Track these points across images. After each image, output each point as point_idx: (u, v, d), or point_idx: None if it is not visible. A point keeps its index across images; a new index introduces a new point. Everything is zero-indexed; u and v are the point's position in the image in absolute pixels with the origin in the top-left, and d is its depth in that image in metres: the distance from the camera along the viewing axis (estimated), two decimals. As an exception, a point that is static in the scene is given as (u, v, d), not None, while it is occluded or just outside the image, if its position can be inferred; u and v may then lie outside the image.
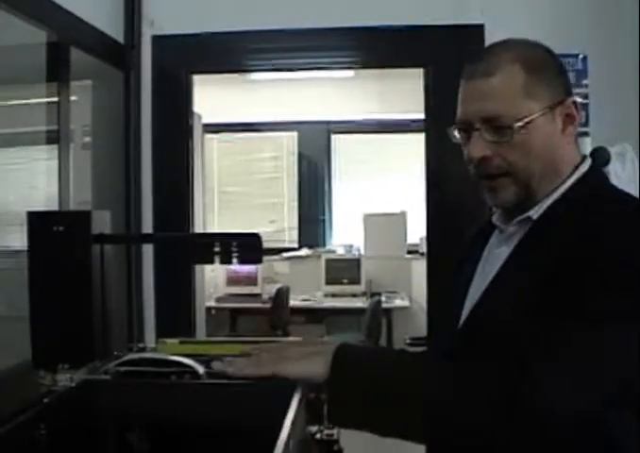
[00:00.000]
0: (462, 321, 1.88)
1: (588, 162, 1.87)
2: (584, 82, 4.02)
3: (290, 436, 1.28)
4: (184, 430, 1.63)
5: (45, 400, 1.55)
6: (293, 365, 1.64)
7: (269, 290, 9.07)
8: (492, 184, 1.83)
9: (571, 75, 4.01)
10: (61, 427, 1.53)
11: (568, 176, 1.83)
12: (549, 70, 1.83)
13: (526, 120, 1.75)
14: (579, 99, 1.91)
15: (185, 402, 1.64)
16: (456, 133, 1.87)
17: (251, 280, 9.27)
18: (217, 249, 1.72)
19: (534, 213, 1.82)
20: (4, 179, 4.39)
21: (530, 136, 1.76)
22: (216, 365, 1.70)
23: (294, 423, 1.35)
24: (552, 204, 1.81)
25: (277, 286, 8.96)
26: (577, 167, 1.85)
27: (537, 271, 1.69)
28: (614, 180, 3.61)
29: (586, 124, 3.96)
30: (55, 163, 4.01)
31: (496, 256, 1.90)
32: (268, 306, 8.80)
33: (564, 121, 1.81)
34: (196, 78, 4.47)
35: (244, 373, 1.65)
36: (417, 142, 5.00)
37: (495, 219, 1.98)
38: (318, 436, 1.58)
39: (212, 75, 5.17)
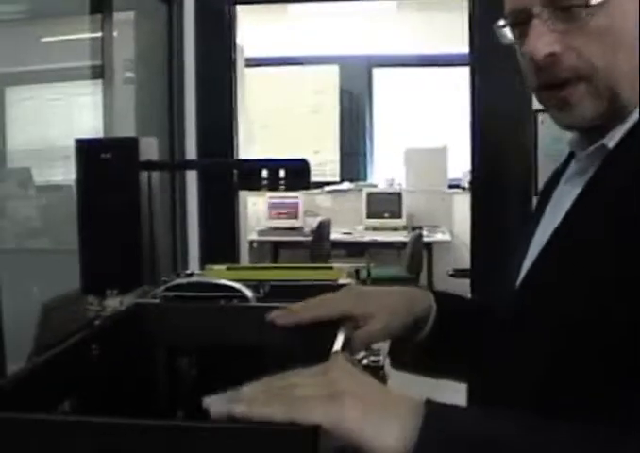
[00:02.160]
0: (522, 275, 1.42)
1: None
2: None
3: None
4: (233, 354, 1.65)
5: (97, 322, 1.58)
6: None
7: (310, 223, 9.10)
8: (562, 95, 1.29)
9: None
10: (113, 348, 1.55)
11: None
12: None
13: None
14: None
15: (234, 326, 1.65)
16: (507, 32, 1.35)
17: (293, 214, 9.30)
18: (264, 175, 1.72)
19: (610, 140, 1.28)
20: (46, 115, 4.41)
21: (617, 18, 1.23)
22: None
23: (343, 346, 1.36)
24: (635, 125, 1.27)
25: (319, 219, 8.99)
26: None
27: (609, 220, 1.21)
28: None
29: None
30: (97, 99, 4.03)
31: (565, 193, 1.40)
32: (309, 239, 8.83)
33: None
34: (238, 12, 4.45)
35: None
36: (460, 75, 4.95)
37: (570, 144, 1.45)
38: (365, 361, 1.58)
39: (254, 5, 5.16)
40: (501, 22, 1.34)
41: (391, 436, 1.00)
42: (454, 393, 1.64)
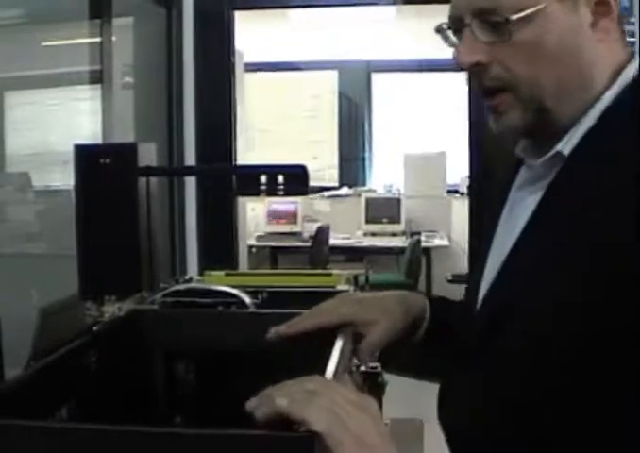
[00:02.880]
0: (482, 294, 1.42)
1: (636, 63, 1.32)
2: (631, 20, 3.96)
3: (337, 368, 1.29)
4: (231, 360, 1.65)
5: (94, 328, 1.57)
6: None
7: (309, 228, 9.10)
8: (492, 103, 1.34)
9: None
10: (111, 354, 1.55)
11: (608, 87, 1.29)
12: None
13: (530, 10, 1.24)
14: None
15: (232, 332, 1.66)
16: (451, 34, 1.40)
17: (291, 219, 9.30)
18: (263, 181, 1.72)
19: (564, 147, 1.29)
20: (45, 120, 4.41)
21: (539, 33, 1.26)
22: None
23: (341, 354, 1.35)
24: (589, 131, 1.28)
25: (318, 225, 8.98)
26: (620, 72, 1.30)
27: (573, 234, 1.21)
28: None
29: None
30: (96, 103, 4.02)
31: (519, 201, 1.42)
32: (308, 244, 8.83)
33: (596, 11, 1.27)
34: (238, 18, 4.46)
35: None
36: (458, 81, 4.95)
37: (519, 150, 1.44)
38: (363, 368, 1.58)
39: (253, 12, 5.15)
40: (444, 25, 1.39)
41: None
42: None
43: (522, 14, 1.24)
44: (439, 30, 1.41)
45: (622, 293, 1.12)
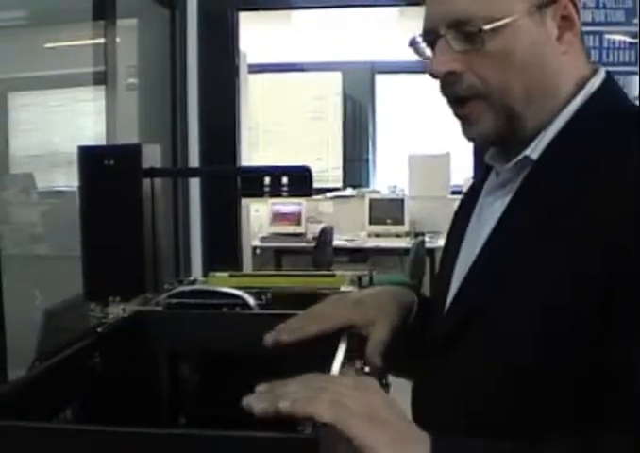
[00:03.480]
0: (452, 294, 1.46)
1: (601, 75, 1.40)
2: (634, 21, 3.95)
3: (341, 370, 1.29)
4: (235, 361, 1.65)
5: (99, 330, 1.58)
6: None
7: (313, 229, 9.09)
8: (464, 112, 1.42)
9: (620, 14, 3.94)
10: (115, 355, 1.55)
11: (573, 96, 1.37)
12: None
13: (501, 22, 1.31)
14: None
15: (236, 333, 1.66)
16: (424, 47, 1.46)
17: (295, 220, 9.29)
18: (266, 182, 1.72)
19: (532, 151, 1.37)
20: (49, 121, 4.41)
21: (510, 43, 1.32)
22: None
23: (345, 357, 1.36)
24: (556, 136, 1.36)
25: (321, 226, 8.98)
26: (584, 83, 1.38)
27: (542, 233, 1.27)
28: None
29: (635, 62, 3.91)
30: (100, 104, 4.03)
31: (487, 206, 1.48)
32: (312, 245, 8.83)
33: (560, 26, 1.35)
34: (241, 19, 4.46)
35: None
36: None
37: (488, 157, 1.52)
38: (367, 370, 1.58)
39: (257, 13, 5.16)
40: (419, 38, 1.45)
41: None
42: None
43: (494, 25, 1.31)
44: (412, 43, 1.47)
45: (594, 293, 1.16)
